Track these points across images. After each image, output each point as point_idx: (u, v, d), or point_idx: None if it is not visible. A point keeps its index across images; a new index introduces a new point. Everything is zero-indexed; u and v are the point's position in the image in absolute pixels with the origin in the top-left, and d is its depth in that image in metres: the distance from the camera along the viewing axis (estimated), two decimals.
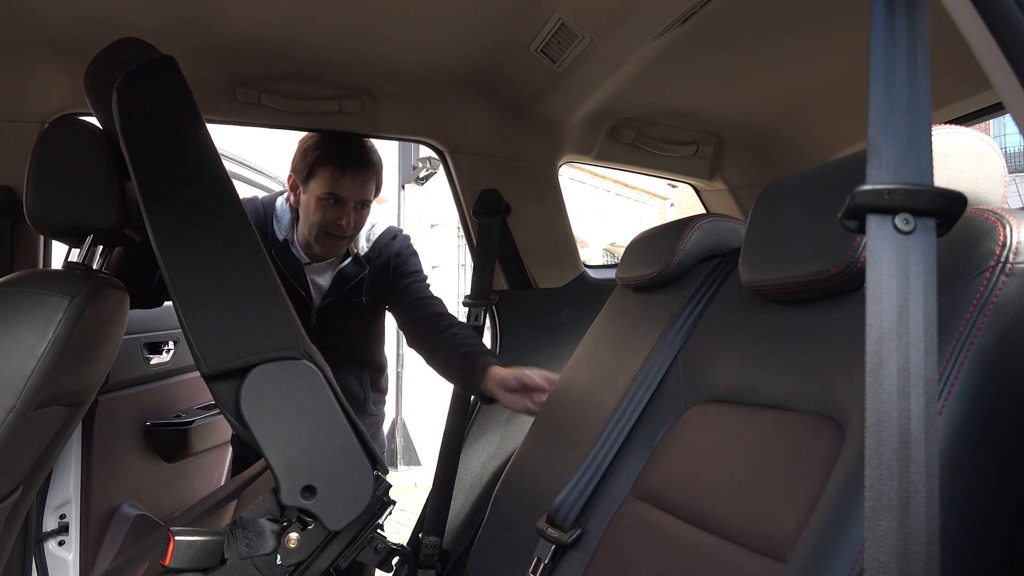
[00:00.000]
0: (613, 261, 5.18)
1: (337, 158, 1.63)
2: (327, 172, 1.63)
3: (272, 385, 0.94)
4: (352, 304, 1.77)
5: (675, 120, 1.95)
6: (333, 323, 1.75)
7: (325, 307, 1.76)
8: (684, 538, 0.86)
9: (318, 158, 1.64)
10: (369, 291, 1.78)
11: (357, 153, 1.66)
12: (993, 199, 0.76)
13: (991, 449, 0.63)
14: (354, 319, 1.79)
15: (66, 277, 1.18)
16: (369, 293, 1.78)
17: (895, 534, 0.45)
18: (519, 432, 1.77)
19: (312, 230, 1.67)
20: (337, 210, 1.64)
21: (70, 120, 1.26)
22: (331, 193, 1.62)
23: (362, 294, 1.77)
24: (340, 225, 1.64)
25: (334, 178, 1.62)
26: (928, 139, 0.49)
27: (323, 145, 1.66)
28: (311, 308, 1.75)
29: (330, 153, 1.64)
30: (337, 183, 1.62)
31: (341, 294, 1.76)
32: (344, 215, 1.64)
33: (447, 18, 1.45)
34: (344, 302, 1.76)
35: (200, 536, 0.93)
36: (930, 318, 0.47)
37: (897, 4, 0.51)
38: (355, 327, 1.81)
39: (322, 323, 1.75)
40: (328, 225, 1.65)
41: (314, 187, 1.64)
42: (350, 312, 1.77)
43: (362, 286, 1.78)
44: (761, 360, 0.92)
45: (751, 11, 1.36)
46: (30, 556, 1.55)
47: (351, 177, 1.63)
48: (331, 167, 1.62)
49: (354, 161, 1.64)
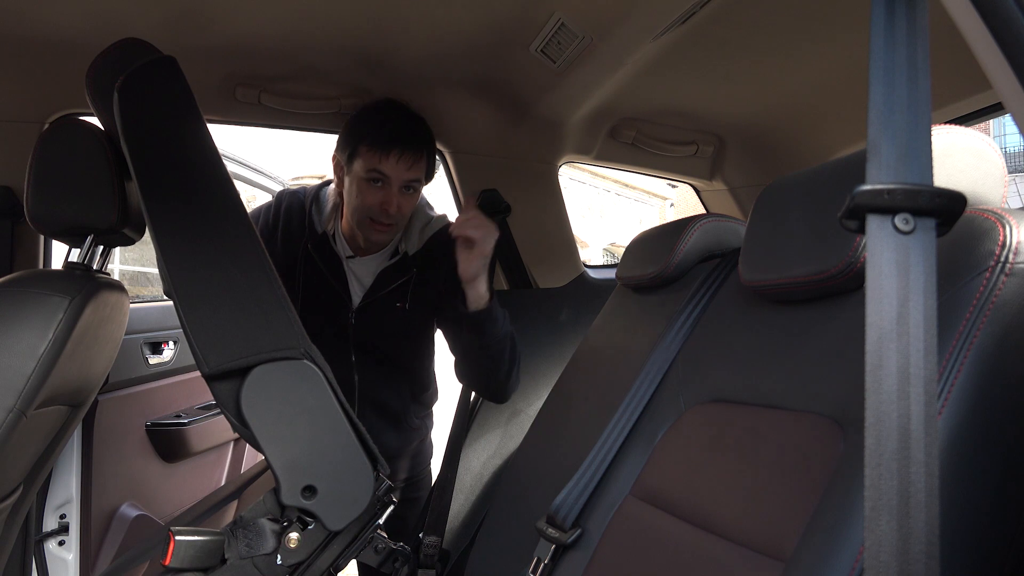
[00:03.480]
0: (613, 261, 5.18)
1: (382, 133, 1.46)
2: (370, 150, 1.46)
3: (273, 385, 0.94)
4: (395, 308, 1.60)
5: (675, 120, 1.95)
6: (373, 326, 1.60)
7: (365, 307, 1.60)
8: (684, 538, 0.86)
9: (362, 134, 1.47)
10: (413, 297, 1.60)
11: (405, 128, 1.50)
12: (993, 199, 0.76)
13: (991, 449, 0.63)
14: (396, 325, 1.61)
15: (66, 277, 1.18)
16: (412, 299, 1.60)
17: (895, 534, 0.45)
18: (519, 432, 1.77)
19: (355, 215, 1.52)
20: (382, 192, 1.47)
21: (70, 120, 1.26)
22: (375, 171, 1.46)
23: (405, 299, 1.59)
24: (386, 210, 1.48)
25: (378, 156, 1.45)
26: (928, 139, 0.49)
27: (367, 119, 1.51)
28: (349, 307, 1.60)
29: (374, 128, 1.48)
30: (381, 162, 1.45)
31: (382, 296, 1.59)
32: (390, 198, 1.47)
33: (447, 18, 1.45)
34: (386, 304, 1.60)
35: (200, 536, 0.93)
36: (930, 318, 0.47)
37: (897, 4, 0.51)
38: (397, 334, 1.64)
39: (361, 325, 1.60)
40: (371, 210, 1.48)
41: (357, 167, 1.48)
42: (392, 316, 1.60)
43: (406, 291, 1.60)
44: (761, 360, 0.92)
45: (751, 11, 1.36)
46: (30, 556, 1.55)
47: (397, 155, 1.45)
48: (375, 144, 1.45)
49: (400, 137, 1.46)
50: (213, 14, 1.40)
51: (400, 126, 1.49)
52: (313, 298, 1.59)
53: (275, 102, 1.70)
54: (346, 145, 1.50)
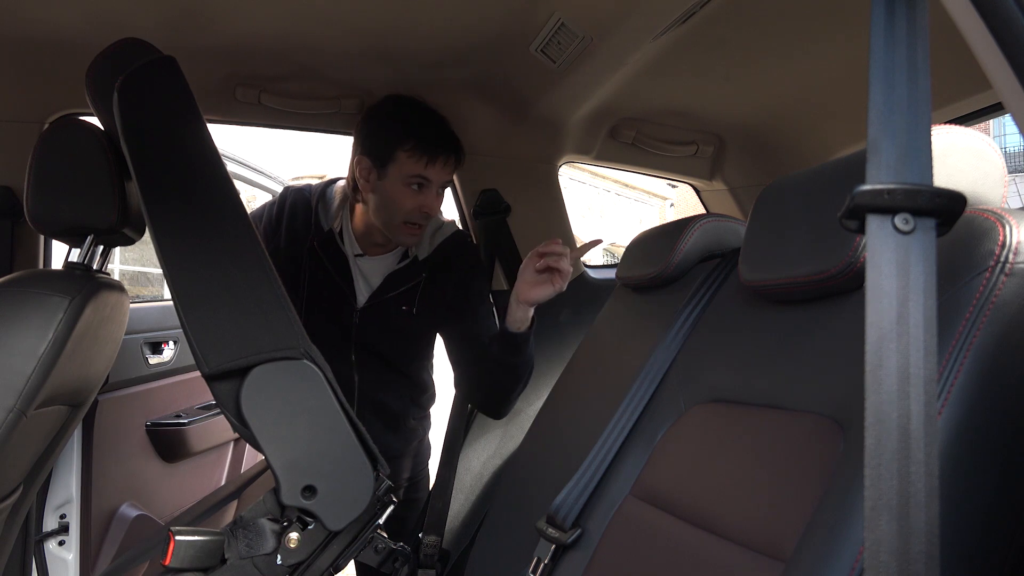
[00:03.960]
0: (613, 261, 5.18)
1: (428, 139, 1.45)
2: (413, 155, 1.44)
3: (273, 385, 0.94)
4: (401, 311, 1.59)
5: (675, 120, 1.95)
6: (376, 327, 1.59)
7: (369, 307, 1.59)
8: (684, 538, 0.86)
9: (400, 139, 1.45)
10: (420, 302, 1.58)
11: (446, 131, 1.50)
12: (993, 199, 0.76)
13: (991, 449, 0.63)
14: (400, 327, 1.61)
15: (66, 277, 1.18)
16: (420, 304, 1.58)
17: (895, 534, 0.45)
18: (519, 432, 1.77)
19: (394, 218, 1.49)
20: (422, 196, 1.48)
21: (70, 120, 1.26)
22: (420, 176, 1.46)
23: (412, 303, 1.58)
24: (426, 213, 1.49)
25: (423, 162, 1.44)
26: (928, 139, 0.49)
27: (405, 122, 1.48)
28: (353, 306, 1.59)
29: (417, 132, 1.46)
30: (427, 167, 1.45)
31: (388, 297, 1.59)
32: (430, 201, 1.48)
33: (447, 18, 1.45)
34: (391, 306, 1.59)
35: (200, 536, 0.93)
36: (930, 318, 0.47)
37: (897, 4, 0.51)
38: (400, 336, 1.63)
39: (365, 325, 1.59)
40: (411, 214, 1.48)
41: (395, 172, 1.46)
42: (396, 319, 1.59)
43: (414, 295, 1.59)
44: (761, 360, 0.92)
45: (751, 11, 1.36)
46: (30, 556, 1.55)
47: (443, 161, 1.46)
48: (421, 150, 1.44)
49: (446, 143, 1.47)
50: (213, 14, 1.40)
51: (443, 131, 1.50)
52: (317, 296, 1.59)
53: (275, 102, 1.70)
54: (380, 149, 1.47)
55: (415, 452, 1.79)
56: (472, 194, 1.91)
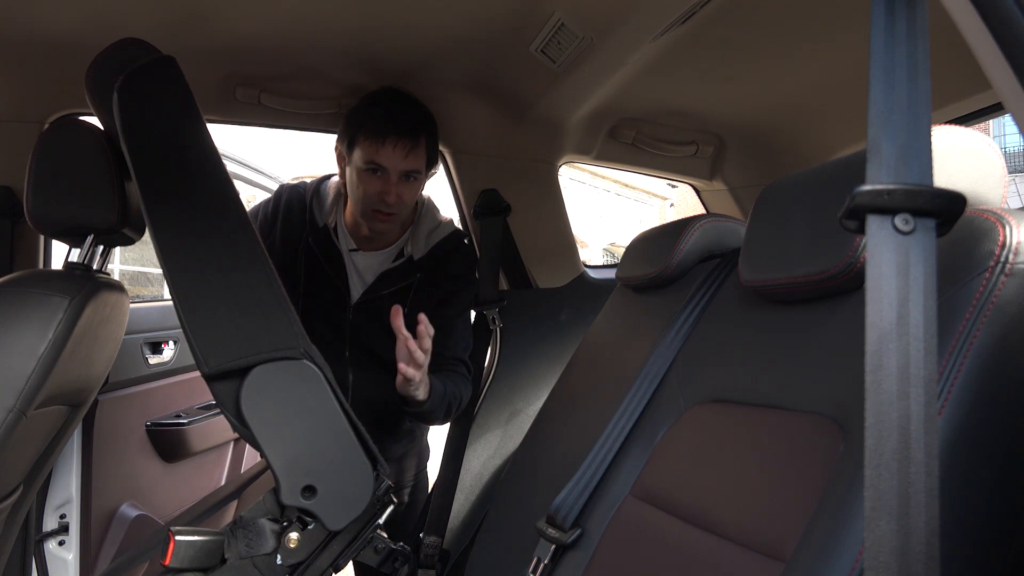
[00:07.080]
0: (613, 261, 5.18)
1: (377, 122, 1.44)
2: (367, 139, 1.45)
3: (272, 385, 0.94)
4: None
5: (675, 120, 1.95)
6: (370, 324, 1.58)
7: (363, 304, 1.59)
8: (684, 538, 0.86)
9: (359, 123, 1.47)
10: (413, 302, 1.56)
11: (400, 115, 1.47)
12: (993, 199, 0.76)
13: (991, 449, 0.63)
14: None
15: (66, 277, 1.18)
16: (413, 304, 1.55)
17: (895, 534, 0.45)
18: (519, 432, 1.77)
19: (358, 205, 1.51)
20: (381, 182, 1.46)
21: (70, 120, 1.26)
22: (372, 161, 1.45)
23: (406, 302, 1.52)
24: (385, 200, 1.47)
25: (374, 146, 1.44)
26: (928, 139, 0.49)
27: (365, 108, 1.50)
28: (347, 302, 1.59)
29: (371, 116, 1.46)
30: (378, 151, 1.44)
31: (382, 295, 1.58)
32: (388, 188, 1.46)
33: (447, 18, 1.45)
34: (385, 304, 1.52)
35: (200, 536, 0.93)
36: (930, 318, 0.47)
37: (897, 4, 0.51)
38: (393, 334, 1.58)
39: (359, 321, 1.58)
40: (372, 200, 1.48)
41: (356, 158, 1.47)
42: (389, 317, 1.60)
43: (407, 295, 1.57)
44: (761, 360, 0.92)
45: (751, 11, 1.36)
46: (30, 556, 1.55)
47: (392, 144, 1.44)
48: (371, 133, 1.44)
49: (395, 125, 1.45)
50: (212, 14, 1.40)
51: (395, 114, 1.47)
52: (312, 292, 1.59)
53: (275, 102, 1.70)
54: (345, 135, 1.50)
55: (412, 454, 1.78)
56: (472, 194, 1.91)
